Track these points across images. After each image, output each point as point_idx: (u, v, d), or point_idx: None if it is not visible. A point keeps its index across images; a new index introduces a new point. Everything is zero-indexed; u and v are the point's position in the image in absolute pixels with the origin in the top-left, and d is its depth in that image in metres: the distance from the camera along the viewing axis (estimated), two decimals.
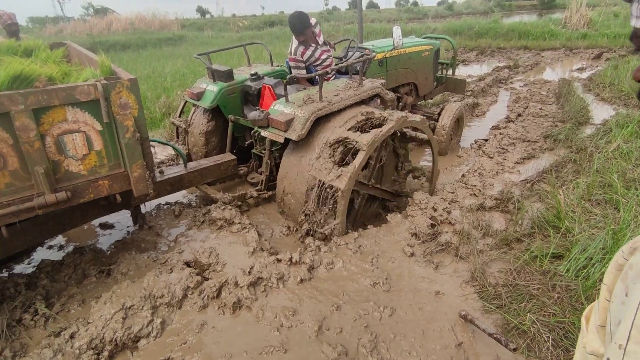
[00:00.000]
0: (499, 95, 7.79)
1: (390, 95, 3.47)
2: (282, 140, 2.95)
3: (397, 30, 4.05)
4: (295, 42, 3.76)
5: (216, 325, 2.26)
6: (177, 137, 4.38)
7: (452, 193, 3.61)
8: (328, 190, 2.80)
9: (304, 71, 3.76)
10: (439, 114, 4.78)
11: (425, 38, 5.45)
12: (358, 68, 3.53)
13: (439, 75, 5.59)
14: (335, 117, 3.03)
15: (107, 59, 2.38)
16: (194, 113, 4.12)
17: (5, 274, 2.82)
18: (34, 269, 2.87)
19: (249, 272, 2.51)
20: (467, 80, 8.82)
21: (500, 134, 5.21)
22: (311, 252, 2.75)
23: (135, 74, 9.34)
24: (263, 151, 3.47)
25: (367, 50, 3.98)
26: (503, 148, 4.75)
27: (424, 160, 4.84)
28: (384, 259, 2.77)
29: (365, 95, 3.28)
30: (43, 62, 2.71)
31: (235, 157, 3.57)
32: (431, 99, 5.95)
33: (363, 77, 3.41)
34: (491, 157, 4.52)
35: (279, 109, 3.00)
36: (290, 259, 2.65)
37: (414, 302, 2.41)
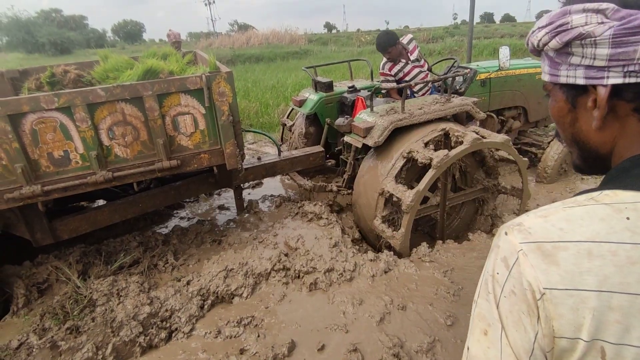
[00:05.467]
0: None
1: (482, 114, 3.42)
2: (359, 145, 3.21)
3: (504, 51, 3.92)
4: (384, 59, 4.02)
5: (293, 299, 2.65)
6: (282, 137, 5.01)
7: None
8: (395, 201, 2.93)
9: (394, 84, 3.97)
10: (549, 143, 4.44)
11: None
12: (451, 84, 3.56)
13: None
14: (416, 130, 3.16)
15: (214, 58, 2.97)
16: (297, 118, 4.69)
17: (150, 232, 3.69)
18: (169, 231, 3.70)
19: (328, 260, 2.84)
20: None
21: None
22: (387, 255, 2.95)
23: (263, 83, 10.67)
24: (349, 157, 3.78)
25: (468, 70, 3.99)
26: None
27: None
28: (458, 272, 2.81)
29: (452, 111, 3.30)
30: (169, 62, 3.47)
31: (323, 149, 3.96)
32: (546, 126, 5.49)
33: (453, 95, 3.46)
34: None
35: (362, 117, 3.27)
36: (367, 256, 2.90)
37: None
